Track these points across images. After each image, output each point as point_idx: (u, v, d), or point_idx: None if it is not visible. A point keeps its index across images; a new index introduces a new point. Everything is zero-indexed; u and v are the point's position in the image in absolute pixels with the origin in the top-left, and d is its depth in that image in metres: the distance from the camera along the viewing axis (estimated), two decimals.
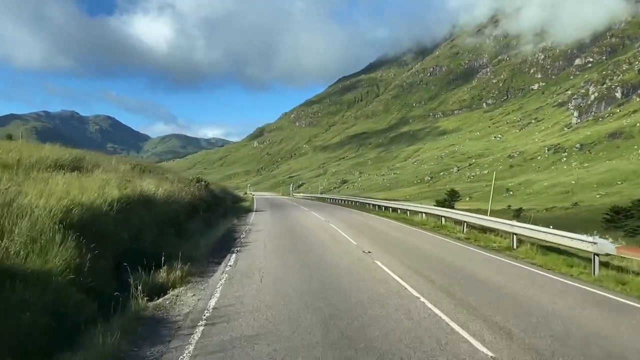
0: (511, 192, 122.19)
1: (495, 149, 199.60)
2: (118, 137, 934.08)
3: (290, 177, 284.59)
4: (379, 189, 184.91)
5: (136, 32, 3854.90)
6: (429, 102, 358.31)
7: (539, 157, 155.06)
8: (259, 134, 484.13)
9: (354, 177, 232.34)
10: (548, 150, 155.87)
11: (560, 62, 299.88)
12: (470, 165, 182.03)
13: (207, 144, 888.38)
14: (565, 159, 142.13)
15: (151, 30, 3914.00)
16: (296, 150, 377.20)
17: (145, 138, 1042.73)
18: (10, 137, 36.63)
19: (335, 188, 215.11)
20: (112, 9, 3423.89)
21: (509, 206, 75.23)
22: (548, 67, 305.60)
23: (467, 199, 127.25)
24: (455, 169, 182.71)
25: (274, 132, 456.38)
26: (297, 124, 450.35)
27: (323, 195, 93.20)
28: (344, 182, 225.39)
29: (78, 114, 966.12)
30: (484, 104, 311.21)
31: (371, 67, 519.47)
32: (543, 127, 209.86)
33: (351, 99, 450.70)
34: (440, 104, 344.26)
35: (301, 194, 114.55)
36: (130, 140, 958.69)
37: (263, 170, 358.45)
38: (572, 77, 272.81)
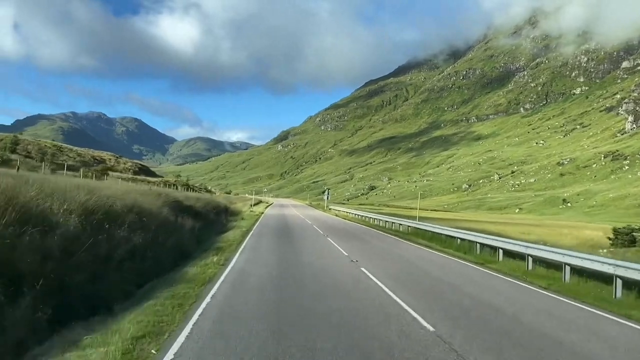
0: (569, 204, 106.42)
1: (538, 155, 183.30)
2: (144, 139, 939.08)
3: (314, 182, 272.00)
4: (411, 196, 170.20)
5: (161, 32, 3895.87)
6: (462, 106, 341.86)
7: (594, 165, 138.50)
8: (283, 137, 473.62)
9: (383, 184, 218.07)
10: (604, 157, 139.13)
11: (606, 65, 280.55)
12: (512, 172, 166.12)
13: (232, 147, 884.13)
14: (627, 167, 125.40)
15: (176, 31, 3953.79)
16: (321, 154, 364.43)
17: (171, 140, 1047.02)
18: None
19: (362, 194, 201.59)
20: (138, 8, 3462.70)
21: None
22: (592, 70, 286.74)
23: (517, 210, 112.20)
24: (496, 176, 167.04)
25: (298, 135, 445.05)
26: (322, 127, 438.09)
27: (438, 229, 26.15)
28: (372, 188, 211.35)
29: (105, 115, 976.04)
30: (522, 109, 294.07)
31: (400, 70, 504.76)
32: (591, 133, 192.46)
33: (379, 103, 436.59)
34: (474, 108, 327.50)
35: (349, 210, 60.46)
36: (156, 142, 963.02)
37: (287, 174, 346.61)
38: (619, 81, 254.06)
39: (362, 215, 47.84)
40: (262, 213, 49.17)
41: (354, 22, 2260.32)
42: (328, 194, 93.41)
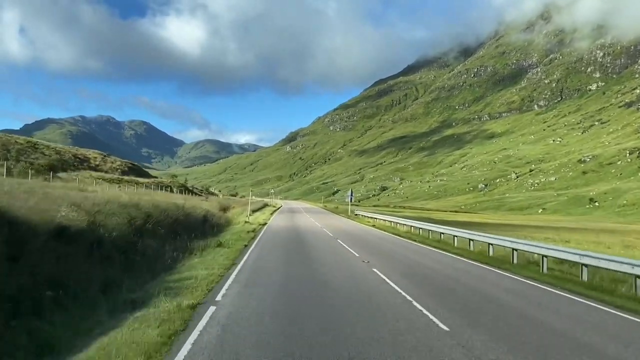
0: (596, 203, 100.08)
1: (556, 153, 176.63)
2: (153, 143, 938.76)
3: (324, 183, 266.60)
4: (426, 197, 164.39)
5: (168, 34, 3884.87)
6: (474, 104, 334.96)
7: (619, 162, 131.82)
8: (291, 138, 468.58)
9: (395, 184, 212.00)
10: (630, 154, 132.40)
11: (622, 60, 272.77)
12: (531, 171, 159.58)
13: (240, 150, 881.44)
14: None
15: (183, 33, 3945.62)
16: (330, 155, 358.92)
17: (180, 143, 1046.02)
18: None
19: (374, 195, 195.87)
20: (145, 10, 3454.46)
21: None
22: (608, 65, 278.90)
23: (540, 211, 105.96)
24: (514, 175, 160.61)
25: (307, 136, 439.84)
26: (331, 128, 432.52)
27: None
28: (384, 189, 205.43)
29: (114, 119, 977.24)
30: (536, 106, 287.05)
31: (409, 69, 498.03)
32: (611, 130, 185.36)
33: (388, 102, 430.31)
34: (486, 106, 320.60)
35: (388, 217, 42.59)
36: (164, 145, 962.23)
37: (295, 175, 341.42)
38: (637, 75, 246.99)
39: (421, 228, 29.87)
40: (263, 226, 31.94)
41: (362, 21, 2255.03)
42: (352, 195, 68.40)
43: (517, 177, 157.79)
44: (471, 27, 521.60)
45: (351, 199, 66.95)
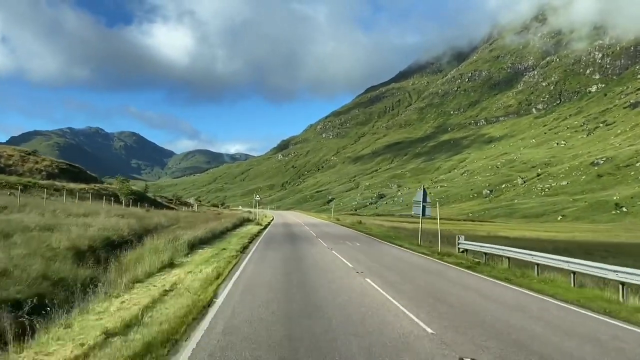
0: (624, 209, 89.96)
1: (563, 156, 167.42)
2: (142, 154, 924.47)
3: (318, 191, 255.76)
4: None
5: (155, 42, 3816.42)
6: (469, 109, 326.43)
7: (637, 164, 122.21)
8: (283, 146, 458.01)
9: (392, 191, 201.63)
10: None
11: (622, 61, 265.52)
12: (538, 175, 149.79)
13: (231, 159, 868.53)
14: None
15: (171, 40, 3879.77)
16: (323, 163, 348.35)
17: (170, 154, 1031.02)
18: None
19: (371, 203, 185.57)
20: (131, 18, 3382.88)
21: None
22: (607, 66, 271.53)
23: (559, 218, 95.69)
24: (520, 180, 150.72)
25: (299, 144, 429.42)
26: (323, 135, 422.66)
27: None
28: (381, 196, 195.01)
29: (103, 130, 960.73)
30: (534, 109, 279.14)
31: (402, 75, 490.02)
32: (619, 131, 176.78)
33: (381, 109, 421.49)
34: (482, 111, 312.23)
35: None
36: (154, 156, 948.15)
37: (288, 184, 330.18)
38: (639, 76, 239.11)
39: None
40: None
41: (353, 27, 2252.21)
42: (426, 197, 28.01)
43: (525, 182, 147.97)
44: (464, 31, 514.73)
45: (424, 210, 27.78)
